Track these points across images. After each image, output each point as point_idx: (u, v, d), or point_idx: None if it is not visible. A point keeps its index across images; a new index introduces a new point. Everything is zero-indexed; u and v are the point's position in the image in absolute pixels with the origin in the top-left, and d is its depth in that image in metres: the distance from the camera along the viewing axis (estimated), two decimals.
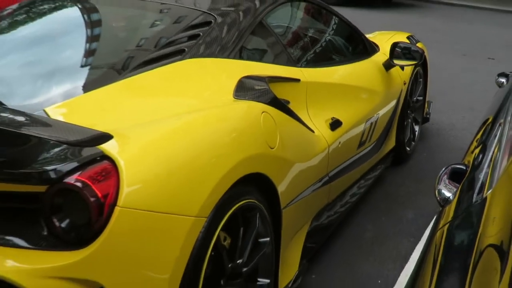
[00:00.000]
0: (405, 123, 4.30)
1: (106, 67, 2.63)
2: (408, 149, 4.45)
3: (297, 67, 3.06)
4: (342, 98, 3.30)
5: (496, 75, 3.18)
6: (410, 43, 4.24)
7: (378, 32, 4.87)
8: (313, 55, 3.47)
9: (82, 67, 2.64)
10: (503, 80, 3.05)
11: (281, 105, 2.59)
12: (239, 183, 2.10)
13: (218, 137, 2.17)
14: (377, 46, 4.10)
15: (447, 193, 1.68)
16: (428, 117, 4.87)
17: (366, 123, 3.48)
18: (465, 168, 1.76)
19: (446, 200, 1.67)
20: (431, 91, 5.00)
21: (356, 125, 3.33)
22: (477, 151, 1.93)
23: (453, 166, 1.78)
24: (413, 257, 3.19)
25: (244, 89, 2.50)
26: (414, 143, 4.57)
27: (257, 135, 2.32)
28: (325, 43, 3.76)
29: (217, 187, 2.00)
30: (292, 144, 2.57)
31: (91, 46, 2.85)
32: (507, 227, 1.17)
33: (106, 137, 1.88)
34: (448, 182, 1.72)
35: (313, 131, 2.85)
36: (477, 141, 2.16)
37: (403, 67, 4.11)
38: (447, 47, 8.56)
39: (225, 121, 2.27)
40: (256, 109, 2.39)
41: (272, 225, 2.37)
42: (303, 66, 3.15)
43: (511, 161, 1.43)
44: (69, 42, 2.85)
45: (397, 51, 3.86)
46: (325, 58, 3.62)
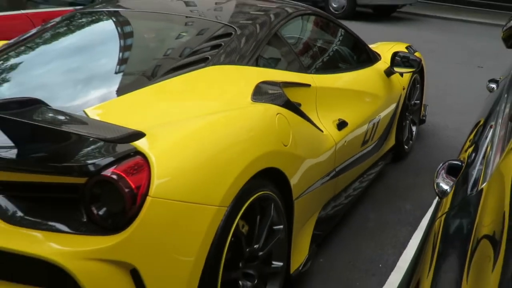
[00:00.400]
0: (403, 124, 4.28)
1: (138, 73, 2.64)
2: (406, 147, 4.43)
3: (308, 74, 3.05)
4: (347, 101, 3.29)
5: (487, 81, 3.14)
6: (409, 52, 4.22)
7: (380, 42, 4.84)
8: (322, 63, 3.46)
9: (116, 73, 2.65)
10: (493, 85, 3.01)
11: (294, 107, 2.58)
12: (256, 176, 2.10)
13: (238, 136, 2.17)
14: (379, 55, 4.08)
15: (445, 186, 1.67)
16: (424, 118, 4.84)
17: (369, 124, 3.46)
18: (461, 163, 1.74)
19: (444, 192, 1.65)
20: (427, 95, 4.97)
21: (360, 126, 3.32)
22: (470, 149, 1.91)
23: (450, 161, 1.76)
24: (411, 243, 3.17)
25: (260, 93, 2.49)
26: (411, 142, 4.55)
27: (272, 134, 2.31)
28: (333, 52, 3.74)
29: (237, 180, 2.00)
30: (303, 142, 2.57)
31: (124, 55, 2.86)
32: (499, 218, 1.15)
33: (138, 135, 1.88)
34: (445, 176, 1.70)
35: (322, 131, 2.84)
36: (470, 140, 2.13)
37: (402, 74, 4.09)
38: (442, 56, 8.50)
39: (244, 121, 2.27)
40: (271, 111, 2.38)
41: (285, 214, 2.37)
42: (313, 72, 3.14)
43: (503, 158, 1.42)
44: (105, 51, 2.87)
45: (397, 60, 3.85)
46: (333, 65, 3.61)
